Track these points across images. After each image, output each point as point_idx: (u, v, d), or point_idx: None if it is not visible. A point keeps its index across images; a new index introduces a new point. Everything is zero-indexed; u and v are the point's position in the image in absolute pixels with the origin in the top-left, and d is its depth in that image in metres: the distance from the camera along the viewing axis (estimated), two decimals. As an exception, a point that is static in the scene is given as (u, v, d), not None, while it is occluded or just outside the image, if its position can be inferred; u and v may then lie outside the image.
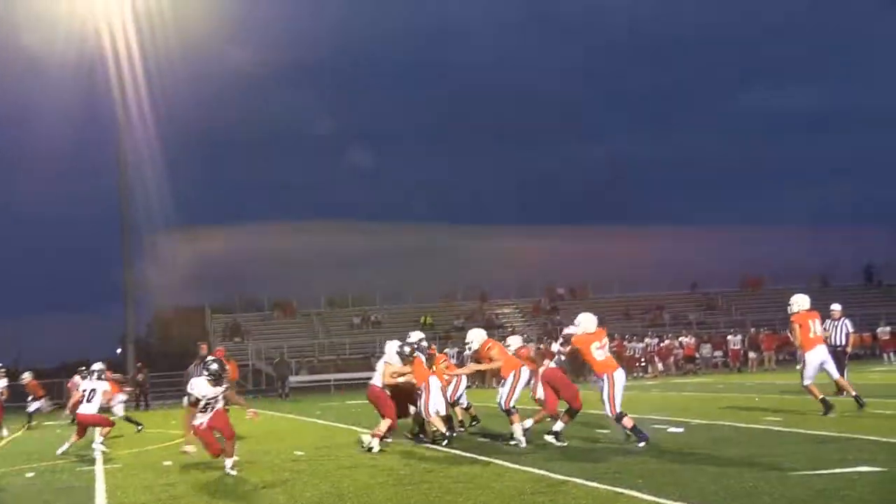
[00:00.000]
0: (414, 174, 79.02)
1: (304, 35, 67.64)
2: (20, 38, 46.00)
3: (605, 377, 12.80)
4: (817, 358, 15.60)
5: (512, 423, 13.83)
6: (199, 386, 12.62)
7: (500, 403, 14.16)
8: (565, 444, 13.19)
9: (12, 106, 58.62)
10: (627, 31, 77.27)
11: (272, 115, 73.94)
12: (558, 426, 13.50)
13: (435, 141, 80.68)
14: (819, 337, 15.79)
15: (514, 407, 13.99)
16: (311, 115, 73.62)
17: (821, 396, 15.37)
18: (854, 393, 15.78)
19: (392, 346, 14.97)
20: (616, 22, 78.46)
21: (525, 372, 14.32)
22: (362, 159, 76.09)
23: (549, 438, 13.38)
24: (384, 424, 14.13)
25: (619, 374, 12.94)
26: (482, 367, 14.93)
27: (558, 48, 77.91)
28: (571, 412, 13.64)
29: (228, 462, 12.49)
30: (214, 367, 12.70)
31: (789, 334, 16.47)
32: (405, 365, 14.49)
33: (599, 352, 12.94)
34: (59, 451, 16.24)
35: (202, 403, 12.59)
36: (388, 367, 14.57)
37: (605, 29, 78.50)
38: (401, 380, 14.49)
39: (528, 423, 13.98)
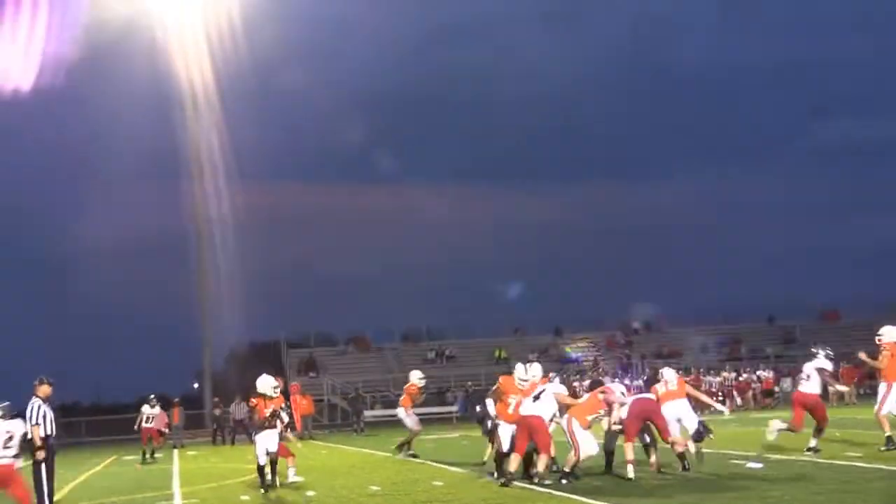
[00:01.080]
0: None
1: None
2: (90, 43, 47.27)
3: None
4: None
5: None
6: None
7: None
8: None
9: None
10: (693, 66, 76.62)
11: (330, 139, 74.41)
12: (813, 442, 15.30)
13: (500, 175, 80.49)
14: None
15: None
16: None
17: (889, 433, 15.17)
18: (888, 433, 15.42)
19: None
20: (680, 56, 78.10)
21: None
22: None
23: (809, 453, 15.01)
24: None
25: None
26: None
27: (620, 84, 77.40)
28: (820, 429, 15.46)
29: None
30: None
31: (874, 360, 16.13)
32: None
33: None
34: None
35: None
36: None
37: (670, 64, 77.99)
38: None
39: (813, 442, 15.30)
